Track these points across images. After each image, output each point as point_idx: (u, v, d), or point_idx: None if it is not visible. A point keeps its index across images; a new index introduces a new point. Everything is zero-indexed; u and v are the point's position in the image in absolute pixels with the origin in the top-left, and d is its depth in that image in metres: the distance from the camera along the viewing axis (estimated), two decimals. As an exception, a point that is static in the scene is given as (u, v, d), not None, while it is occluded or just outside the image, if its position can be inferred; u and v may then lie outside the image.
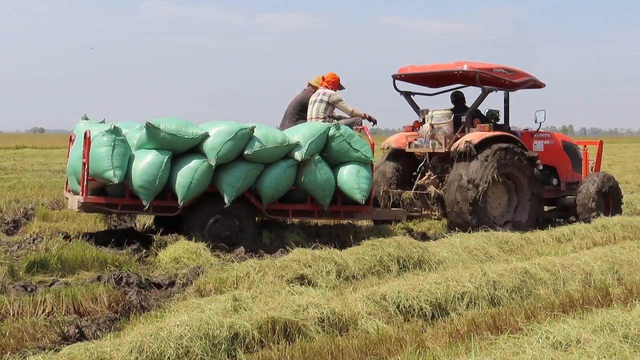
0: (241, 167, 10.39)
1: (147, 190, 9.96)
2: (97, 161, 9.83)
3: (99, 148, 9.85)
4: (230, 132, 10.20)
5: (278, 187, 10.64)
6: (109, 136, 9.90)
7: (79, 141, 10.59)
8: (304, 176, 10.77)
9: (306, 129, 11.01)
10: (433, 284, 7.22)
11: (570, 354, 5.06)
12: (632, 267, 8.93)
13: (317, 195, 10.90)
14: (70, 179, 11.00)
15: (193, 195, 10.15)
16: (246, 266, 8.13)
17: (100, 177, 9.90)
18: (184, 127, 10.18)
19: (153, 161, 9.95)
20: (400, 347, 5.86)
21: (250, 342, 5.84)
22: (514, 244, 10.62)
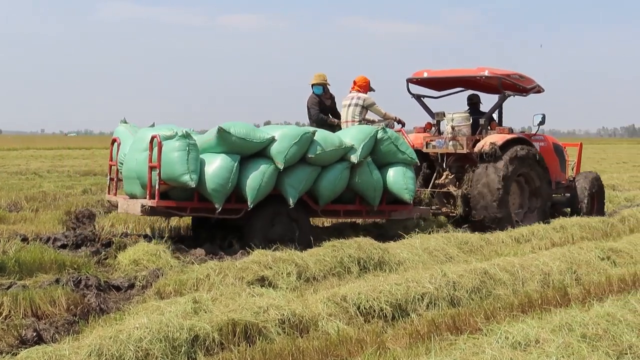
0: (303, 170, 10.76)
1: (220, 194, 10.16)
2: (172, 165, 9.96)
3: (174, 152, 9.98)
4: (295, 136, 10.53)
5: (335, 189, 11.06)
6: (182, 141, 10.04)
7: (138, 145, 10.68)
8: (357, 177, 11.22)
9: (357, 132, 11.44)
10: (393, 285, 7.23)
11: (529, 353, 5.09)
12: (590, 268, 9.02)
13: (369, 195, 11.38)
14: (128, 183, 10.96)
15: (261, 197, 10.42)
16: (206, 268, 8.10)
17: (175, 181, 10.03)
18: (252, 131, 10.49)
19: (225, 165, 10.17)
20: (361, 348, 5.87)
21: (210, 344, 5.82)
22: (474, 244, 10.69)
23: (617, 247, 9.92)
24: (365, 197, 11.42)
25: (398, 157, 11.64)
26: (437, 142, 13.76)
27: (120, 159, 11.32)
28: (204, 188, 10.14)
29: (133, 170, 10.66)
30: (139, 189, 10.61)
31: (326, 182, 10.95)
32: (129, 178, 10.87)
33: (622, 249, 9.89)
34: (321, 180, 10.94)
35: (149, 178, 10.18)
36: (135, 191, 10.73)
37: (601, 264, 9.25)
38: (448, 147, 13.64)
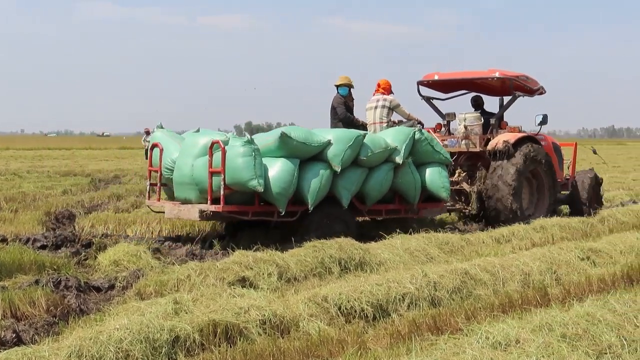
0: (354, 172, 11.22)
1: (284, 197, 10.47)
2: (240, 171, 10.17)
3: (240, 158, 10.20)
4: (349, 139, 10.98)
5: (382, 189, 11.61)
6: (248, 146, 10.27)
7: (190, 151, 10.96)
8: (399, 177, 11.79)
9: (397, 133, 11.91)
10: (374, 285, 7.23)
11: (510, 353, 5.10)
12: (570, 268, 9.05)
13: (410, 194, 11.98)
14: (180, 189, 11.09)
15: (319, 199, 10.83)
16: (187, 269, 8.08)
17: (243, 186, 10.27)
18: (310, 135, 10.84)
19: (287, 169, 10.48)
20: (342, 348, 5.87)
21: (191, 345, 5.80)
22: (454, 245, 10.70)
23: (597, 248, 9.96)
24: (406, 196, 11.99)
25: (434, 157, 12.23)
26: (450, 142, 14.32)
27: (166, 164, 11.46)
28: (268, 192, 10.39)
29: (187, 176, 10.85)
30: (195, 194, 10.84)
31: (373, 182, 11.45)
32: (181, 184, 11.02)
33: (601, 249, 9.93)
34: (369, 181, 11.44)
35: (210, 183, 10.40)
36: (190, 196, 10.90)
37: (581, 264, 9.29)
38: (461, 146, 14.28)
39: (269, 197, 10.46)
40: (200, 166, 10.67)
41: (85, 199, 17.44)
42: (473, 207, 13.80)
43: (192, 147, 11.04)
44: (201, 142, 10.88)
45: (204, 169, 10.52)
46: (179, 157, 11.20)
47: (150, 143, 12.05)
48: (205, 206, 10.44)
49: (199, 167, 10.69)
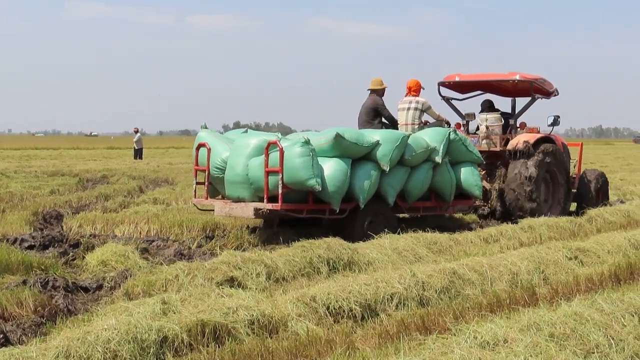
0: (399, 171, 11.77)
1: (339, 195, 10.98)
2: (298, 170, 10.63)
3: (298, 158, 10.64)
4: (396, 140, 11.53)
5: (423, 187, 12.23)
6: (306, 147, 10.69)
7: (242, 151, 11.32)
8: (437, 176, 12.39)
9: (434, 134, 12.46)
10: (363, 285, 7.23)
11: (498, 353, 5.11)
12: (558, 267, 9.07)
13: (446, 192, 12.60)
14: (232, 187, 11.42)
15: (369, 197, 11.34)
16: (175, 269, 8.06)
17: (301, 185, 10.75)
18: (360, 136, 11.35)
19: (341, 168, 10.99)
20: (330, 348, 5.86)
21: (179, 345, 5.78)
22: (443, 244, 10.72)
23: (585, 247, 9.99)
24: (442, 194, 12.60)
25: (467, 156, 12.86)
26: (471, 141, 14.33)
27: (216, 164, 11.76)
28: (323, 191, 10.85)
29: (241, 175, 11.21)
30: (248, 193, 11.24)
31: (415, 181, 12.05)
32: (234, 182, 11.36)
33: (589, 249, 9.96)
34: (410, 180, 12.01)
35: (266, 182, 10.82)
36: (244, 195, 11.28)
37: (569, 264, 9.31)
38: (482, 145, 14.82)
39: (324, 195, 10.94)
40: (255, 166, 11.06)
41: (73, 199, 17.40)
42: (494, 205, 14.41)
43: (244, 148, 11.38)
44: (253, 143, 11.29)
45: (260, 169, 10.94)
46: (231, 157, 11.52)
47: (197, 143, 12.27)
48: (262, 204, 10.92)
49: (254, 167, 11.08)
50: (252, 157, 11.18)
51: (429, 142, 12.14)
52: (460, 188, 12.79)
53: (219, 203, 11.73)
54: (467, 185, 12.77)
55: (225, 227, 12.37)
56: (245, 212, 11.12)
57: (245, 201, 11.27)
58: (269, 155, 10.82)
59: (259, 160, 10.99)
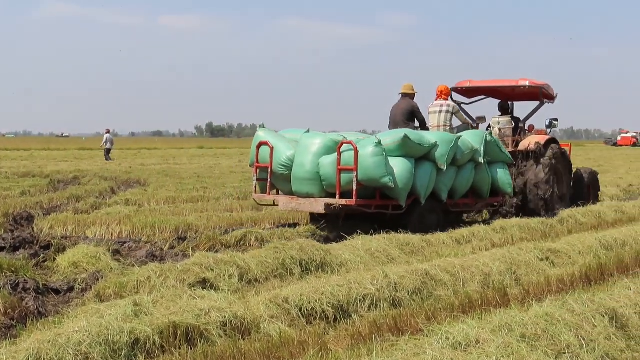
0: (450, 170, 12.64)
1: (405, 192, 11.85)
2: (373, 169, 11.43)
3: (373, 157, 11.45)
4: (450, 141, 12.46)
5: (467, 185, 13.20)
6: (379, 147, 11.50)
7: (310, 149, 12.03)
8: (478, 175, 13.36)
9: (474, 135, 13.41)
10: (335, 287, 7.23)
11: (470, 354, 5.12)
12: (529, 268, 9.12)
13: (484, 190, 13.61)
14: (299, 184, 12.12)
15: (428, 194, 12.27)
16: (147, 270, 8.02)
17: (375, 183, 11.57)
18: (422, 137, 12.18)
19: (408, 167, 11.82)
20: (303, 350, 5.86)
21: (151, 347, 5.76)
22: (415, 245, 10.73)
23: (556, 248, 10.05)
24: (480, 191, 13.59)
25: (500, 156, 13.85)
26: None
27: (281, 162, 12.41)
28: (393, 188, 11.65)
29: (310, 172, 11.95)
30: (317, 189, 11.97)
31: (461, 180, 12.99)
32: (301, 179, 12.08)
33: (560, 250, 10.02)
34: (457, 179, 12.91)
35: (338, 179, 11.56)
36: (312, 191, 11.99)
37: (540, 265, 9.37)
38: None
39: (393, 192, 11.77)
40: (327, 164, 11.79)
41: (44, 200, 17.29)
42: (510, 202, 14.89)
43: (311, 146, 12.08)
44: (320, 142, 12.03)
45: (332, 167, 11.68)
46: (298, 155, 12.21)
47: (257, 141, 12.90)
48: (334, 200, 11.66)
49: (326, 165, 11.82)
50: (320, 156, 11.92)
51: (473, 144, 13.04)
52: (495, 186, 13.74)
53: (283, 198, 12.43)
54: (501, 183, 13.76)
55: (198, 229, 12.35)
56: (315, 207, 11.89)
57: (315, 197, 11.95)
58: (341, 154, 11.57)
59: (331, 158, 11.76)
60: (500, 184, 13.75)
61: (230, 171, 31.44)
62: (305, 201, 12.01)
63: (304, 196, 12.09)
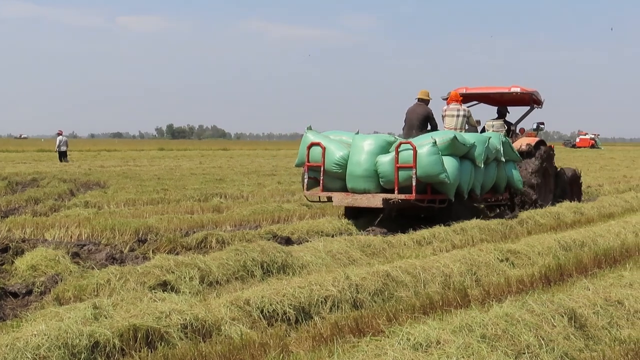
0: (483, 168, 14.02)
1: (454, 187, 13.18)
2: (431, 167, 12.72)
3: (430, 156, 12.69)
4: (484, 142, 13.97)
5: (492, 182, 14.66)
6: (435, 147, 12.74)
7: (365, 149, 13.20)
8: (498, 172, 14.84)
9: (494, 137, 14.79)
10: (297, 288, 7.23)
11: (430, 354, 5.14)
12: (489, 269, 9.18)
13: (501, 186, 15.18)
14: (354, 180, 13.26)
15: (469, 189, 13.70)
16: (107, 273, 7.96)
17: (433, 179, 12.90)
18: (464, 138, 13.50)
19: (455, 165, 13.13)
20: (264, 352, 5.85)
21: (111, 350, 5.72)
22: (376, 247, 10.76)
23: (516, 249, 10.13)
24: (499, 187, 15.13)
25: (512, 156, 15.34)
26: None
27: (335, 160, 13.45)
28: (444, 183, 12.97)
29: (368, 170, 13.11)
30: (373, 185, 13.12)
31: (487, 177, 14.37)
32: (359, 176, 13.20)
33: (520, 251, 10.10)
34: (485, 176, 14.25)
35: (396, 176, 12.79)
36: (369, 187, 13.13)
37: (500, 266, 9.43)
38: None
39: (444, 187, 13.07)
40: (385, 162, 12.99)
41: (1, 202, 17.14)
42: (505, 197, 16.06)
43: (367, 146, 13.24)
44: (373, 142, 13.23)
45: (390, 165, 12.88)
46: (354, 155, 13.33)
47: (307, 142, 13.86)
48: (392, 195, 12.85)
49: (384, 163, 13.01)
50: (375, 155, 13.10)
51: (496, 144, 14.48)
52: (509, 182, 15.33)
53: (338, 195, 13.42)
54: (514, 180, 15.36)
55: (158, 231, 12.29)
56: (372, 202, 12.96)
57: (371, 193, 13.02)
58: (399, 153, 12.78)
59: (389, 157, 12.98)
60: (512, 180, 15.30)
61: (191, 173, 31.30)
62: (362, 197, 13.08)
63: (361, 192, 13.17)
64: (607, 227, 12.69)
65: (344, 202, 13.36)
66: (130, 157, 54.75)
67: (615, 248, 10.81)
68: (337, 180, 13.56)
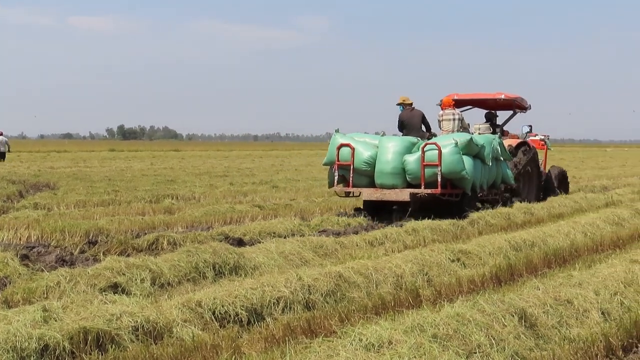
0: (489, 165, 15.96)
1: (471, 183, 15.16)
2: (454, 165, 14.73)
3: (453, 155, 14.72)
4: (491, 142, 15.94)
5: (493, 178, 16.46)
6: (457, 147, 14.79)
7: (392, 149, 15.07)
8: (497, 170, 16.57)
9: (494, 138, 16.41)
10: (249, 290, 7.21)
11: (382, 355, 5.15)
12: (441, 269, 9.23)
13: (498, 182, 16.79)
14: (383, 177, 15.08)
15: (480, 184, 15.71)
16: (57, 275, 7.88)
17: (455, 175, 14.86)
18: (476, 139, 15.48)
19: (472, 163, 15.11)
20: (216, 353, 5.83)
21: (60, 353, 5.66)
22: (329, 248, 10.76)
23: (467, 249, 10.19)
24: (495, 183, 16.70)
25: (505, 155, 16.93)
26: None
27: (364, 160, 15.22)
28: (463, 179, 14.96)
29: (397, 167, 15.00)
30: (400, 181, 15.00)
31: (490, 174, 16.22)
32: (388, 173, 15.03)
33: (471, 251, 10.17)
34: (488, 173, 16.02)
35: (423, 173, 14.70)
36: (397, 183, 14.99)
37: (451, 266, 9.49)
38: None
39: (463, 182, 15.03)
40: (412, 161, 14.92)
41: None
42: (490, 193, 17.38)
43: (392, 147, 15.16)
44: (399, 143, 15.22)
45: (416, 163, 14.82)
46: (381, 154, 15.21)
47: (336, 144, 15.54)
48: (419, 190, 14.77)
49: (411, 162, 14.93)
50: (402, 154, 15.02)
51: (497, 145, 16.25)
52: (503, 178, 16.91)
53: (367, 190, 15.22)
54: (506, 177, 17.02)
55: (109, 233, 12.18)
56: (400, 196, 14.82)
57: (398, 188, 14.89)
58: (425, 152, 14.68)
59: (415, 156, 14.90)
60: (505, 177, 16.97)
61: (142, 174, 31.11)
62: (390, 192, 14.88)
63: (389, 187, 14.97)
64: (557, 228, 12.84)
65: (373, 197, 15.08)
66: (81, 158, 54.27)
67: (564, 248, 10.95)
68: (364, 177, 15.30)
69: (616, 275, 8.07)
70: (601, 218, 14.30)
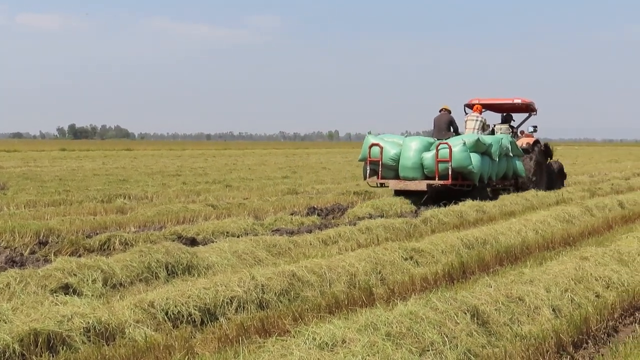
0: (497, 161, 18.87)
1: (477, 175, 17.95)
2: (463, 161, 17.62)
3: (462, 153, 17.60)
4: (499, 141, 18.92)
5: (503, 171, 19.48)
6: (465, 146, 17.64)
7: (410, 147, 18.13)
8: (508, 164, 19.72)
9: (504, 138, 19.54)
10: (202, 290, 7.19)
11: (336, 354, 5.16)
12: (394, 268, 9.26)
13: (509, 174, 20.12)
14: (406, 171, 18.06)
15: (488, 177, 18.61)
16: (6, 276, 7.77)
17: (464, 169, 17.77)
18: (483, 139, 18.31)
19: (479, 159, 17.96)
20: (169, 354, 5.80)
21: (11, 355, 5.59)
22: (282, 247, 10.75)
23: (420, 247, 10.23)
24: (507, 176, 20.04)
25: (517, 151, 20.23)
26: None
27: (390, 157, 18.30)
28: (472, 173, 17.82)
29: (417, 163, 17.98)
30: (419, 174, 17.94)
31: (500, 168, 19.22)
32: (409, 168, 18.02)
33: (424, 249, 10.21)
34: (498, 167, 19.02)
35: (436, 168, 17.65)
36: (416, 176, 17.94)
37: (404, 264, 9.52)
38: None
39: (471, 176, 17.92)
40: (429, 157, 17.83)
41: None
42: (510, 183, 20.70)
43: (413, 146, 18.13)
44: (419, 143, 18.20)
45: (432, 159, 17.72)
46: (405, 151, 18.18)
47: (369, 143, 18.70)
48: (433, 181, 17.76)
49: (428, 158, 17.86)
50: (421, 152, 17.95)
51: (506, 143, 19.27)
52: (515, 172, 20.20)
53: (393, 181, 18.29)
54: (519, 170, 20.38)
55: (60, 233, 12.04)
56: (419, 186, 17.77)
57: (418, 180, 17.86)
58: (438, 150, 17.56)
59: (431, 153, 17.79)
60: (518, 171, 20.28)
61: (94, 174, 30.82)
62: (411, 183, 17.90)
63: (410, 179, 17.98)
64: (509, 225, 12.95)
65: (398, 187, 18.19)
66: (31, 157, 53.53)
67: (516, 245, 11.05)
68: (391, 171, 18.41)
69: (566, 272, 8.17)
70: (552, 215, 14.46)
